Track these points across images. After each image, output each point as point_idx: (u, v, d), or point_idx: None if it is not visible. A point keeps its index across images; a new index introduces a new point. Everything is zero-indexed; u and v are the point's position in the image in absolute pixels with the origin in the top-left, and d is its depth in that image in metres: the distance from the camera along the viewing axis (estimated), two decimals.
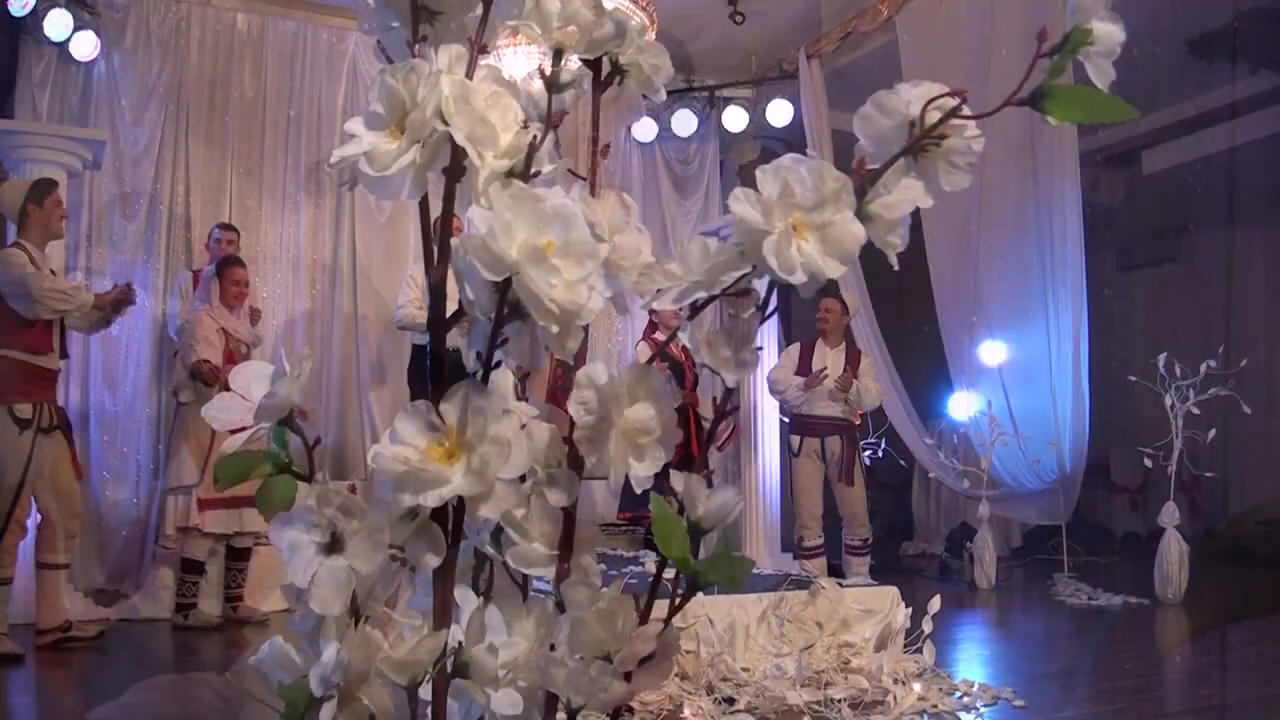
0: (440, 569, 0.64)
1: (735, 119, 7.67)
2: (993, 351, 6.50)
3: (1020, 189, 6.21)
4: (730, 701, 3.36)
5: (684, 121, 7.68)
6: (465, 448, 0.62)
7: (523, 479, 0.71)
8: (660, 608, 0.70)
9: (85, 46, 6.12)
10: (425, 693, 0.67)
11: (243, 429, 0.61)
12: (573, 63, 0.72)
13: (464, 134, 0.60)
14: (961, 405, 6.87)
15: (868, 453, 7.10)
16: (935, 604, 3.82)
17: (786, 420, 6.58)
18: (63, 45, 6.10)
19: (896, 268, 0.71)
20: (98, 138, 5.79)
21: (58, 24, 5.99)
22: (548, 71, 0.69)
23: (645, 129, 7.59)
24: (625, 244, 0.72)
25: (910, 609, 3.96)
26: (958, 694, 3.58)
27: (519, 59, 4.96)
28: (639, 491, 0.72)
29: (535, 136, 0.65)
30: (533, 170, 0.65)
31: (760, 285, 0.70)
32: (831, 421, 6.10)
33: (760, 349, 0.70)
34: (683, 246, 0.70)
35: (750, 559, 0.66)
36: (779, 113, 7.47)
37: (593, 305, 0.63)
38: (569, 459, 0.72)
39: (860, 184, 0.68)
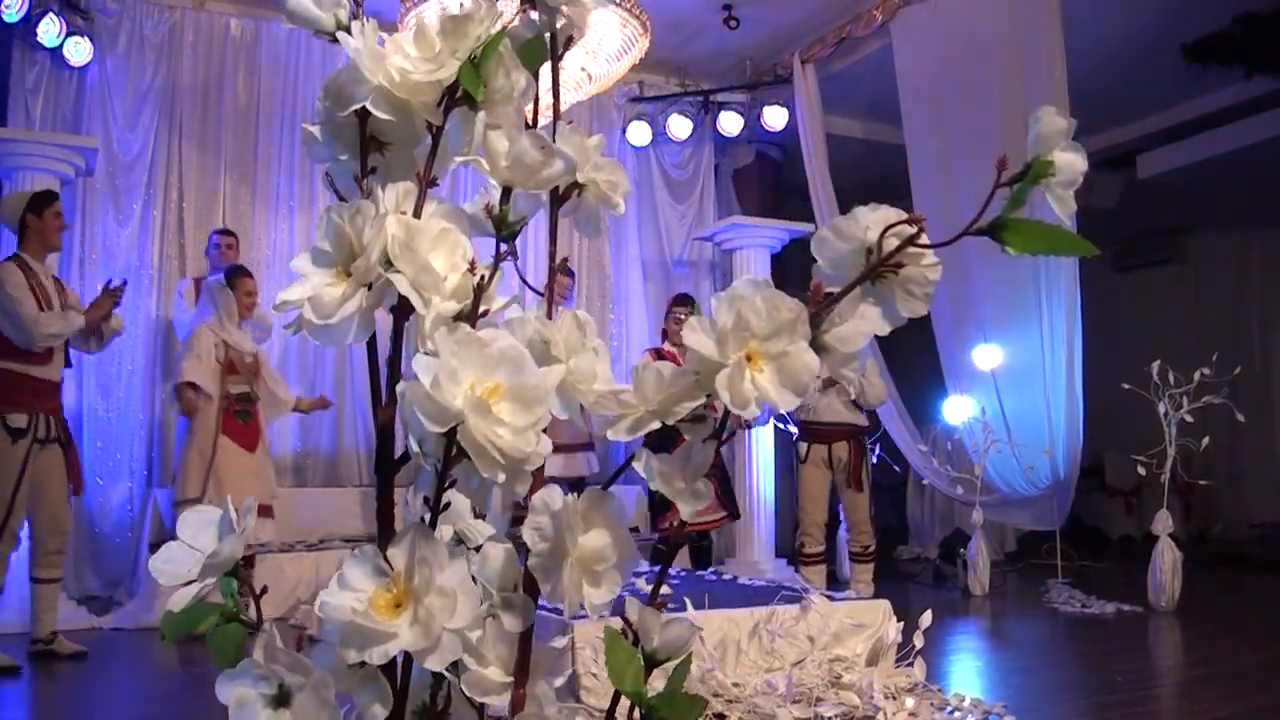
0: (389, 718, 0.64)
1: (730, 123, 7.66)
2: (986, 356, 6.48)
3: None
4: (721, 718, 3.36)
5: (679, 126, 7.67)
6: (412, 596, 0.61)
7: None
8: None
9: (78, 52, 6.10)
10: None
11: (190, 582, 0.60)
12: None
13: (409, 281, 0.60)
14: (955, 410, 6.85)
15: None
16: (927, 619, 3.80)
17: (794, 429, 6.56)
18: (55, 51, 6.08)
19: (854, 396, 0.71)
20: (89, 145, 5.78)
21: (50, 30, 5.97)
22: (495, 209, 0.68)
23: (640, 133, 7.58)
24: (582, 366, 0.71)
25: (902, 624, 3.95)
26: (949, 709, 3.58)
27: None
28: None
29: (483, 277, 0.64)
30: (481, 309, 0.65)
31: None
32: (840, 427, 6.01)
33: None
34: (638, 374, 0.69)
35: (703, 697, 0.66)
36: (774, 117, 7.45)
37: (541, 451, 0.62)
38: (525, 583, 0.72)
39: (816, 311, 0.68)
